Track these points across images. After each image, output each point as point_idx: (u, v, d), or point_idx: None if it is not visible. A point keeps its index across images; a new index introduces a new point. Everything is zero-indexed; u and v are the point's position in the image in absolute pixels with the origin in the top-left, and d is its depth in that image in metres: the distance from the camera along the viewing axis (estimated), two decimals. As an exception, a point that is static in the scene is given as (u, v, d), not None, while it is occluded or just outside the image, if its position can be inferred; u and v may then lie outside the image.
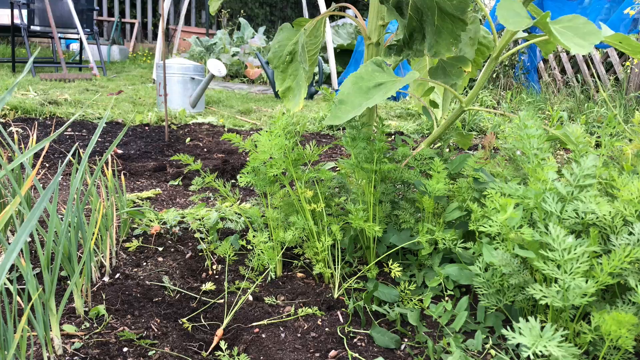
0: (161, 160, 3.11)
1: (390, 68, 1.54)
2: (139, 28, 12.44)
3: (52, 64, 7.11)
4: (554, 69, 5.73)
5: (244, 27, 10.05)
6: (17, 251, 0.89)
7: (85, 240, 1.41)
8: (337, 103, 1.47)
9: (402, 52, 1.69)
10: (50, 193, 0.94)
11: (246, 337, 1.37)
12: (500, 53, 1.57)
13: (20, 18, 6.64)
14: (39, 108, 4.15)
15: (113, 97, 5.25)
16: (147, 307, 1.50)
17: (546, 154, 1.30)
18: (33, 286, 1.12)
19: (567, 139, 1.45)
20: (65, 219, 1.31)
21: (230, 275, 1.71)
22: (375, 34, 1.76)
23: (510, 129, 1.41)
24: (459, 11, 1.53)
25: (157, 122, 4.27)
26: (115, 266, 1.71)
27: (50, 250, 1.20)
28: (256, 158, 1.61)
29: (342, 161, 1.72)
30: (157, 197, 2.49)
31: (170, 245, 1.92)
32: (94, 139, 1.30)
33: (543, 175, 1.23)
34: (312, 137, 4.04)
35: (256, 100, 6.06)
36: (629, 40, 1.31)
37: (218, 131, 4.10)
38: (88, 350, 1.28)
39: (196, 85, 4.97)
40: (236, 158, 3.26)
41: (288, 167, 1.61)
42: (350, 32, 7.89)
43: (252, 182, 1.71)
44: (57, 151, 3.08)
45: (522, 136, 1.32)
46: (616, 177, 1.28)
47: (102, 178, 1.76)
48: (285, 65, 1.84)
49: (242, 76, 8.55)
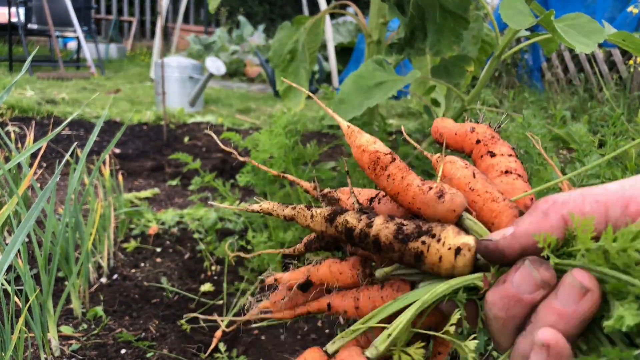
0: (159, 160, 3.10)
1: (391, 67, 1.52)
2: (137, 26, 12.40)
3: (49, 63, 7.08)
4: (556, 68, 5.72)
5: (243, 25, 10.03)
6: (14, 252, 0.87)
7: (83, 240, 1.40)
8: (338, 102, 1.45)
9: (403, 51, 1.68)
10: (47, 193, 0.92)
11: (245, 338, 1.36)
12: (502, 51, 1.56)
13: (18, 16, 6.61)
14: (36, 107, 4.13)
15: (111, 96, 5.23)
16: (145, 308, 1.48)
17: (550, 154, 1.28)
18: (30, 287, 1.10)
19: (570, 138, 1.44)
20: (62, 220, 1.30)
21: (229, 276, 1.69)
22: (376, 32, 1.74)
23: (513, 128, 1.40)
24: (460, 9, 1.52)
25: (155, 121, 4.25)
26: (113, 267, 1.69)
27: (48, 251, 1.18)
28: (256, 157, 1.59)
29: (342, 161, 1.70)
30: (155, 197, 2.47)
31: (169, 246, 1.91)
32: (92, 138, 1.28)
33: (547, 175, 1.22)
34: (312, 136, 4.03)
35: (255, 98, 6.05)
36: (632, 38, 1.30)
37: (217, 130, 4.08)
38: (86, 352, 1.26)
39: (195, 84, 4.95)
40: (235, 158, 3.24)
41: (288, 166, 1.60)
42: (350, 30, 7.87)
43: (252, 182, 1.69)
44: (55, 151, 3.07)
45: (525, 135, 1.31)
46: (620, 177, 1.27)
47: (99, 178, 1.74)
48: (286, 64, 1.82)
49: (242, 74, 8.53)
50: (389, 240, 0.47)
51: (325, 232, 0.53)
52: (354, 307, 0.55)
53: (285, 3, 15.32)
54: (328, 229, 0.52)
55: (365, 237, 0.49)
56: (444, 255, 0.45)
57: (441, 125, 0.60)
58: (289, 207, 0.56)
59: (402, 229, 0.47)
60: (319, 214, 0.53)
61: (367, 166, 0.53)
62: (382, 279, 0.53)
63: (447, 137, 0.59)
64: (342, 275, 0.57)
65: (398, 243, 0.47)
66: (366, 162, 0.53)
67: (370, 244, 0.49)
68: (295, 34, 1.82)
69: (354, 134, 0.56)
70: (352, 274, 0.56)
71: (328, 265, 0.58)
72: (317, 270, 0.59)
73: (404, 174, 0.50)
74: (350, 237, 0.50)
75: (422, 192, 0.48)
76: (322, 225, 0.53)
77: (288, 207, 0.56)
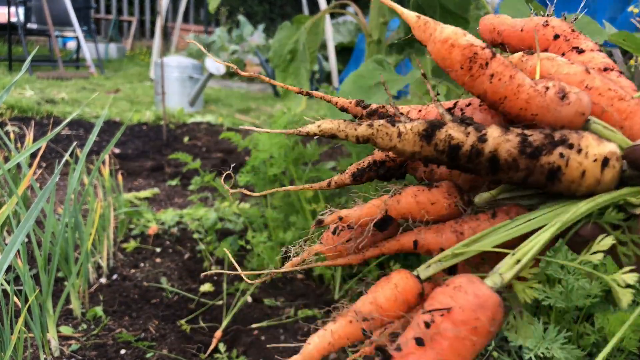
0: (159, 160, 3.09)
1: (391, 66, 1.52)
2: (137, 26, 12.39)
3: (49, 63, 7.08)
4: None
5: (243, 24, 10.02)
6: (14, 252, 0.87)
7: (83, 241, 1.39)
8: (338, 102, 1.45)
9: (403, 51, 1.68)
10: (47, 193, 0.92)
11: (245, 339, 1.35)
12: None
13: (17, 16, 6.61)
14: (35, 107, 4.13)
15: (111, 95, 5.23)
16: (145, 308, 1.48)
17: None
18: (30, 287, 1.10)
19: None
20: (62, 220, 1.30)
21: (229, 276, 1.69)
22: (377, 31, 1.74)
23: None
24: (460, 9, 1.51)
25: (155, 121, 4.24)
26: (113, 267, 1.69)
27: (48, 251, 1.18)
28: (256, 157, 1.59)
29: (343, 160, 1.70)
30: (155, 197, 2.47)
31: (169, 246, 1.90)
32: (92, 138, 1.28)
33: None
34: (312, 136, 4.03)
35: (255, 98, 6.04)
36: (633, 37, 1.29)
37: (217, 130, 4.08)
38: (85, 352, 1.26)
39: (195, 83, 4.94)
40: (235, 157, 3.24)
41: (288, 166, 1.60)
42: (350, 30, 7.86)
43: (252, 182, 1.69)
44: (54, 151, 3.06)
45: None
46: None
47: (99, 178, 1.74)
48: (286, 64, 1.82)
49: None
50: (512, 156, 0.38)
51: (419, 154, 0.42)
52: (456, 242, 0.44)
53: (285, 3, 15.31)
54: (424, 148, 0.41)
55: (476, 156, 0.39)
56: (588, 169, 0.37)
57: (497, 21, 0.49)
58: (364, 124, 0.43)
59: (527, 140, 0.38)
60: (410, 130, 0.41)
61: (458, 66, 0.42)
62: (486, 206, 0.44)
63: (508, 35, 0.48)
64: (435, 205, 0.46)
65: (525, 159, 0.38)
66: (457, 60, 0.42)
67: (482, 163, 0.39)
68: (296, 33, 1.82)
69: (431, 25, 0.44)
70: (449, 203, 0.45)
71: (412, 195, 0.47)
72: (396, 202, 0.47)
73: (512, 72, 0.40)
74: (455, 158, 0.40)
75: (538, 94, 0.39)
76: (415, 145, 0.41)
77: (362, 125, 0.43)
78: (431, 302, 0.38)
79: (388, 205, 0.47)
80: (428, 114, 0.49)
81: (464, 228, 0.44)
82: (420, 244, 0.46)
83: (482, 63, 0.41)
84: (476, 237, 0.41)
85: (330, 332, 0.43)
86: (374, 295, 0.42)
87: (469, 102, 0.46)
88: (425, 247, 0.46)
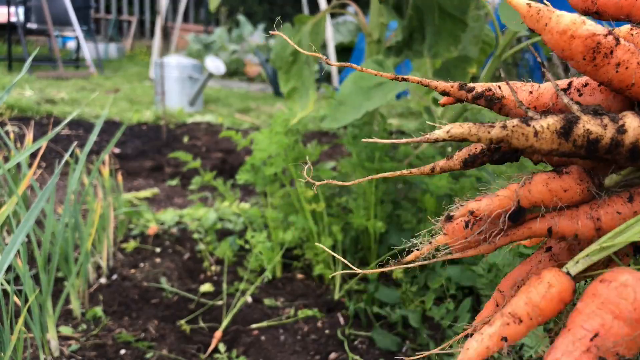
0: (159, 160, 3.09)
1: (391, 67, 1.52)
2: (137, 25, 12.39)
3: (48, 62, 7.07)
4: (557, 67, 5.72)
5: (243, 24, 10.01)
6: (14, 252, 0.87)
7: (82, 241, 1.39)
8: (337, 104, 1.45)
9: (401, 53, 1.68)
10: (47, 193, 0.92)
11: (245, 339, 1.35)
12: (503, 51, 1.55)
13: (17, 16, 6.60)
14: (35, 107, 4.13)
15: (110, 95, 5.22)
16: (144, 309, 1.48)
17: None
18: (30, 287, 1.10)
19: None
20: (62, 220, 1.29)
21: (229, 276, 1.69)
22: (377, 31, 1.74)
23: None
24: (459, 11, 1.51)
25: (154, 120, 4.24)
26: (113, 267, 1.69)
27: (47, 251, 1.18)
28: (256, 156, 1.59)
29: (343, 160, 1.70)
30: (154, 197, 2.47)
31: (168, 246, 1.90)
32: (92, 138, 1.28)
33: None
34: (312, 136, 4.02)
35: (255, 98, 6.04)
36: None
37: (216, 130, 4.08)
38: (85, 352, 1.26)
39: (194, 83, 4.94)
40: (235, 157, 3.24)
41: (288, 165, 1.60)
42: (351, 30, 7.86)
43: (252, 181, 1.69)
44: (54, 151, 3.06)
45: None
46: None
47: (99, 178, 1.74)
48: (288, 65, 1.82)
49: (241, 74, 8.52)
50: None
51: (556, 150, 0.42)
52: (593, 228, 0.44)
53: (285, 2, 15.32)
54: (562, 145, 0.41)
55: (616, 147, 0.39)
56: None
57: None
58: (497, 126, 0.42)
59: None
60: (547, 129, 0.41)
61: (580, 57, 0.41)
62: (616, 188, 0.44)
63: (604, 3, 0.45)
64: (568, 192, 0.45)
65: None
66: (579, 51, 0.40)
67: (622, 154, 0.39)
68: (297, 34, 1.82)
69: (545, 14, 0.42)
70: (581, 189, 0.45)
71: (544, 184, 0.46)
72: (528, 192, 0.46)
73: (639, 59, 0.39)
74: (593, 151, 0.40)
75: None
76: (554, 143, 0.41)
77: (496, 127, 0.42)
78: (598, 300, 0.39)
79: (520, 195, 0.46)
80: (541, 96, 0.48)
81: (599, 213, 0.44)
82: (555, 231, 0.46)
83: (607, 52, 0.40)
84: (621, 229, 0.41)
85: (488, 336, 0.43)
86: (528, 296, 0.43)
87: (586, 82, 0.45)
88: (559, 233, 0.46)
